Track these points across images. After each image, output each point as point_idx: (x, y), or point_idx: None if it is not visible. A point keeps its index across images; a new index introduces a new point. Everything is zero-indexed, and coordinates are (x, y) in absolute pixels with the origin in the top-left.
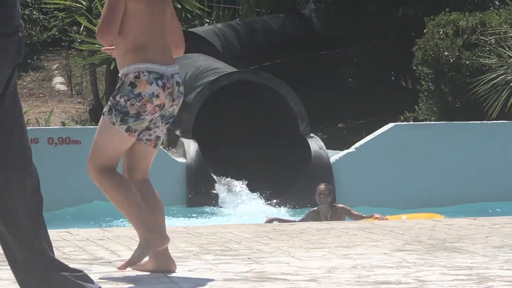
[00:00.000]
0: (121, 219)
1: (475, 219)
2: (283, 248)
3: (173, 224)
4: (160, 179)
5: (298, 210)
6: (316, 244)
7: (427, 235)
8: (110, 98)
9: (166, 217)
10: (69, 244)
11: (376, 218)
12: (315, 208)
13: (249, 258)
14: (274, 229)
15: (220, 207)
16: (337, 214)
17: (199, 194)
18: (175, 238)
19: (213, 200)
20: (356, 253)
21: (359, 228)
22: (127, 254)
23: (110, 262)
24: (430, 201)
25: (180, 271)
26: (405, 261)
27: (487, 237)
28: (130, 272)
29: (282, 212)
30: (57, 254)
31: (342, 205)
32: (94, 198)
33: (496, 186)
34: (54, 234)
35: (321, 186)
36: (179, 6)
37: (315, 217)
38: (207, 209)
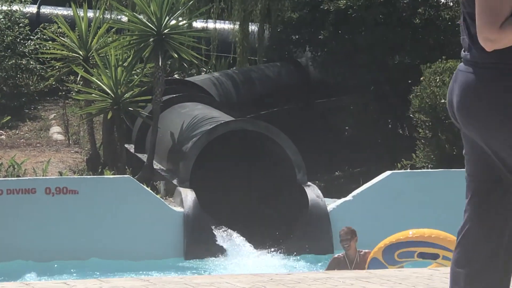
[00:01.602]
0: (119, 273)
1: None
2: None
3: (170, 274)
4: (157, 228)
5: (297, 258)
6: None
7: (424, 284)
8: None
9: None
10: None
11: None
12: (339, 254)
13: None
14: (271, 279)
15: (217, 256)
16: (364, 260)
17: (196, 243)
18: None
19: (211, 249)
20: None
21: (356, 278)
22: None
23: None
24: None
25: None
26: None
27: None
28: None
29: (278, 260)
30: None
31: (368, 250)
32: (91, 250)
33: None
34: (51, 285)
35: (343, 230)
36: (175, 55)
37: (339, 264)
38: (204, 258)
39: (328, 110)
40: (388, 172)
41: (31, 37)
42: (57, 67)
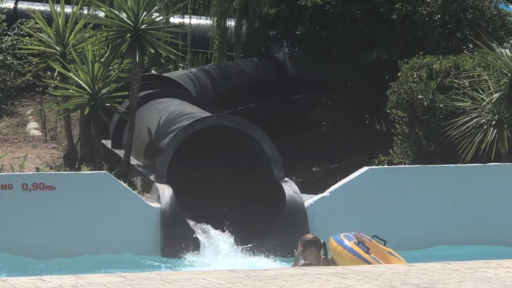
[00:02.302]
0: (96, 269)
1: (448, 263)
2: None
3: (147, 270)
4: (134, 224)
5: (274, 254)
6: None
7: (401, 280)
8: None
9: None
10: None
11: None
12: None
13: None
14: (248, 275)
15: (194, 252)
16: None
17: (173, 239)
18: (147, 284)
19: (188, 246)
20: None
21: (333, 274)
22: None
23: None
24: (405, 244)
25: None
26: None
27: (460, 281)
28: None
29: (255, 256)
30: None
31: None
32: (67, 246)
33: (470, 229)
34: (27, 281)
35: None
36: (153, 51)
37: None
38: (181, 254)
39: (306, 106)
40: (365, 168)
41: (8, 32)
42: (34, 62)
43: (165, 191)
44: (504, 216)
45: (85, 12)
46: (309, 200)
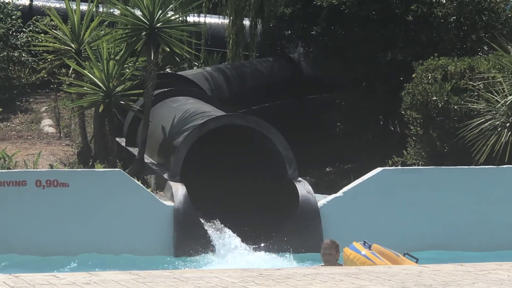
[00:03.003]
0: (108, 266)
1: (461, 265)
2: None
3: (160, 268)
4: (148, 222)
5: (287, 253)
6: None
7: (414, 281)
8: None
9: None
10: None
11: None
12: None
13: None
14: (261, 274)
15: (207, 250)
16: None
17: (186, 237)
18: (160, 282)
19: (201, 244)
20: None
21: (346, 274)
22: None
23: None
24: (418, 245)
25: None
26: None
27: (473, 283)
28: None
29: (268, 255)
30: None
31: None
32: (81, 243)
33: (483, 231)
34: (40, 277)
35: (326, 243)
36: (168, 49)
37: None
38: (194, 252)
39: (320, 106)
40: (379, 169)
41: (24, 29)
42: (49, 59)
43: (179, 190)
44: None
45: (101, 9)
46: (322, 200)
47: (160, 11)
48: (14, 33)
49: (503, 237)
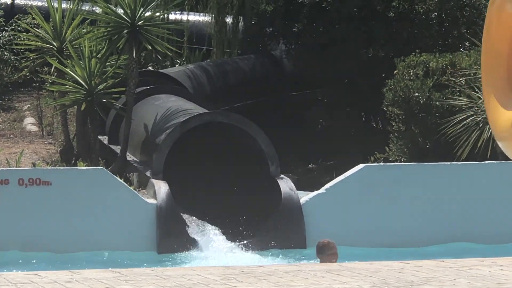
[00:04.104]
0: (91, 264)
1: (443, 261)
2: None
3: (142, 266)
4: (130, 220)
5: (269, 251)
6: (284, 286)
7: (395, 277)
8: None
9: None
10: (37, 286)
11: None
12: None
13: None
14: (243, 271)
15: (190, 248)
16: None
17: (169, 235)
18: (142, 280)
19: (183, 242)
20: None
21: (327, 271)
22: None
23: None
24: (400, 241)
25: None
26: None
27: (455, 279)
28: None
29: (250, 253)
30: None
31: None
32: (63, 241)
33: (465, 227)
34: (22, 276)
35: (332, 242)
36: (149, 47)
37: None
38: (177, 250)
39: (302, 103)
40: (361, 165)
41: (6, 28)
42: (31, 58)
43: (161, 187)
44: (499, 214)
45: (83, 8)
46: (305, 197)
47: (142, 9)
48: None
49: (484, 231)
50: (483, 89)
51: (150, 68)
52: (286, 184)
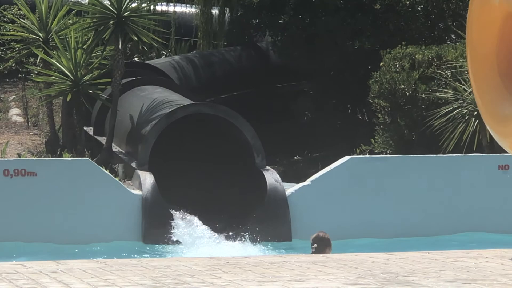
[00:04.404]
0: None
1: (428, 252)
2: (236, 282)
3: (128, 256)
4: (116, 211)
5: (254, 242)
6: (270, 277)
7: (381, 268)
8: None
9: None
10: (22, 276)
11: None
12: None
13: None
14: (228, 262)
15: (175, 239)
16: None
17: (154, 227)
18: (128, 271)
19: (169, 233)
20: (309, 286)
21: (313, 262)
22: (81, 287)
23: None
24: (385, 233)
25: None
26: None
27: (440, 270)
28: None
29: (235, 244)
30: (10, 287)
31: None
32: (49, 232)
33: (451, 219)
34: (7, 266)
35: (327, 233)
36: (135, 38)
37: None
38: (162, 241)
39: (288, 95)
40: (346, 157)
41: None
42: (17, 49)
43: (147, 179)
44: (484, 206)
45: None
46: (290, 189)
47: (128, 0)
48: None
49: (470, 223)
50: (472, 85)
51: (136, 59)
52: (271, 176)
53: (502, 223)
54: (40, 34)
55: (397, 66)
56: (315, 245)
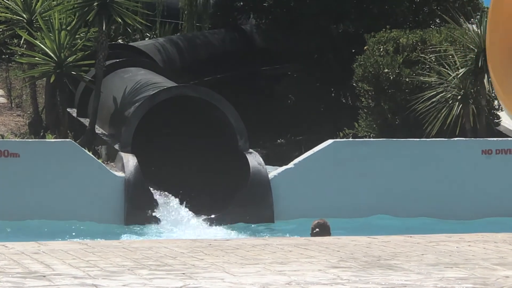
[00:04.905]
0: (59, 236)
1: (411, 236)
2: (218, 264)
3: (110, 238)
4: (98, 193)
5: (237, 225)
6: (251, 260)
7: (363, 252)
8: None
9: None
10: (4, 257)
11: None
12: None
13: (183, 274)
14: (210, 244)
15: (158, 221)
16: None
17: (137, 209)
18: (109, 252)
19: (151, 215)
20: (291, 269)
21: (295, 245)
22: (62, 268)
23: (44, 276)
24: (368, 215)
25: (114, 286)
26: (339, 278)
27: (422, 254)
28: (63, 286)
29: (218, 227)
30: None
31: None
32: (31, 213)
33: (433, 203)
34: None
35: (317, 222)
36: (120, 20)
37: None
38: (145, 223)
39: (272, 78)
40: (330, 141)
41: None
42: (0, 30)
43: (130, 161)
44: (466, 191)
45: None
46: (273, 172)
47: None
48: None
49: (451, 207)
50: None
51: (120, 41)
52: (254, 159)
53: (484, 208)
54: (24, 15)
55: (381, 50)
56: (317, 229)
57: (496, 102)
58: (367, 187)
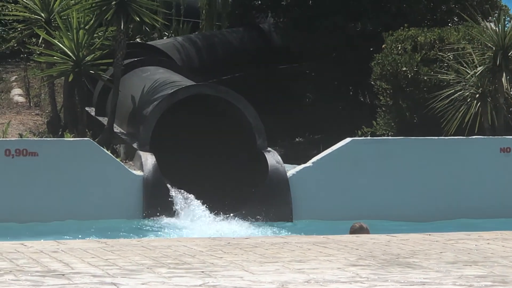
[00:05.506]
0: (75, 235)
1: (429, 234)
2: (237, 262)
3: (128, 237)
4: (117, 191)
5: (255, 223)
6: (270, 258)
7: (381, 250)
8: None
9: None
10: (23, 256)
11: None
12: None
13: (202, 272)
14: (229, 243)
15: (176, 220)
16: None
17: (155, 207)
18: (128, 251)
19: (169, 213)
20: (309, 267)
21: (313, 243)
22: (81, 267)
23: (63, 275)
24: (387, 215)
25: (133, 284)
26: (358, 276)
27: (441, 252)
28: (82, 284)
29: (236, 225)
30: (11, 266)
31: None
32: (50, 212)
33: (451, 201)
34: (8, 246)
35: (356, 226)
36: (138, 19)
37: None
38: (163, 222)
39: (290, 76)
40: (348, 139)
41: None
42: (19, 29)
43: (148, 159)
44: (485, 189)
45: None
46: (291, 170)
47: None
48: None
49: (470, 205)
50: None
51: (138, 40)
52: (273, 157)
53: (503, 207)
54: (42, 14)
55: (399, 48)
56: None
57: None
58: (385, 186)
